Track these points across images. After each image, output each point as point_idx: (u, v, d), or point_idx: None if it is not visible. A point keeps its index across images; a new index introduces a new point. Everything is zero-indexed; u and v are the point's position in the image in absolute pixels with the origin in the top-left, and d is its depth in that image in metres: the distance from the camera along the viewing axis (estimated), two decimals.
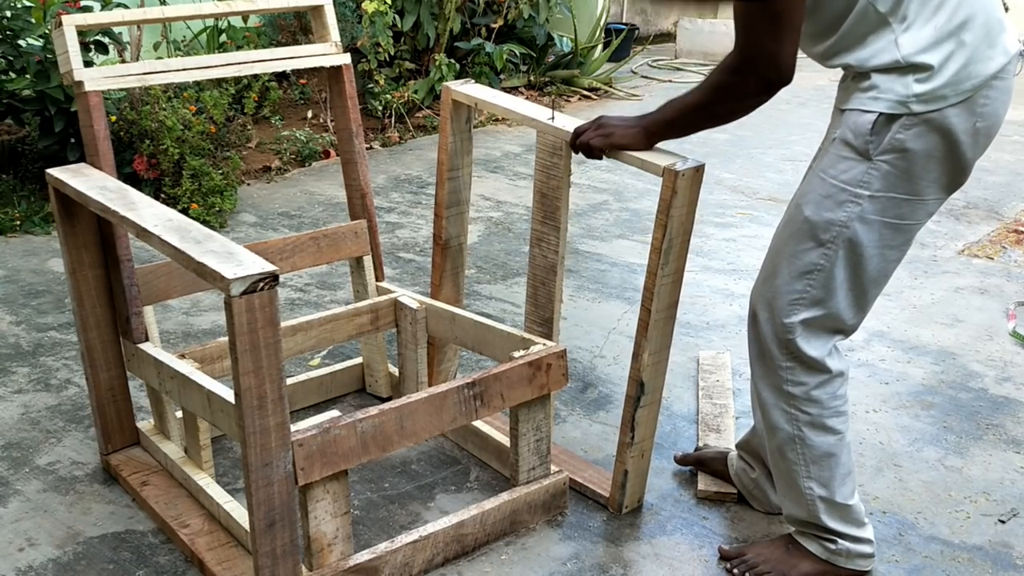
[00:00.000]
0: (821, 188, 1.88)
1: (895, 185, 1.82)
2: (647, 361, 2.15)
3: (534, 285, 2.41)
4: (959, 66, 1.76)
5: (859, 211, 1.84)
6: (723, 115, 1.91)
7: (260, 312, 1.67)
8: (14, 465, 2.48)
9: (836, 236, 1.87)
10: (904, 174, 1.81)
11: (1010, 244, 4.21)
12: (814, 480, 2.04)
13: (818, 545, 2.09)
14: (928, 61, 1.75)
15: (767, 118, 6.38)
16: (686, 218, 2.04)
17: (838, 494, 2.04)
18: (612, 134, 2.06)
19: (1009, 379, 3.02)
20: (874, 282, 1.93)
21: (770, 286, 1.98)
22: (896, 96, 1.77)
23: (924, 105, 1.76)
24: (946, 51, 1.75)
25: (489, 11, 6.36)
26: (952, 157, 1.82)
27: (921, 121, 1.78)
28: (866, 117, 1.80)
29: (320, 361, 3.02)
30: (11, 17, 4.14)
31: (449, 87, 2.40)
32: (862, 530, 2.09)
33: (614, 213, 4.52)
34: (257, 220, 4.31)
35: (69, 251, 2.23)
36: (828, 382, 1.99)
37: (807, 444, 2.02)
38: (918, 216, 1.88)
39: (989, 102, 1.79)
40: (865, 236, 1.86)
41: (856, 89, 1.83)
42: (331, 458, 1.89)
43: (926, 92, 1.76)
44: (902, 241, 1.90)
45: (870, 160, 1.82)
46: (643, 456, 2.28)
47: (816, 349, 1.96)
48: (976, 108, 1.78)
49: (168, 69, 2.32)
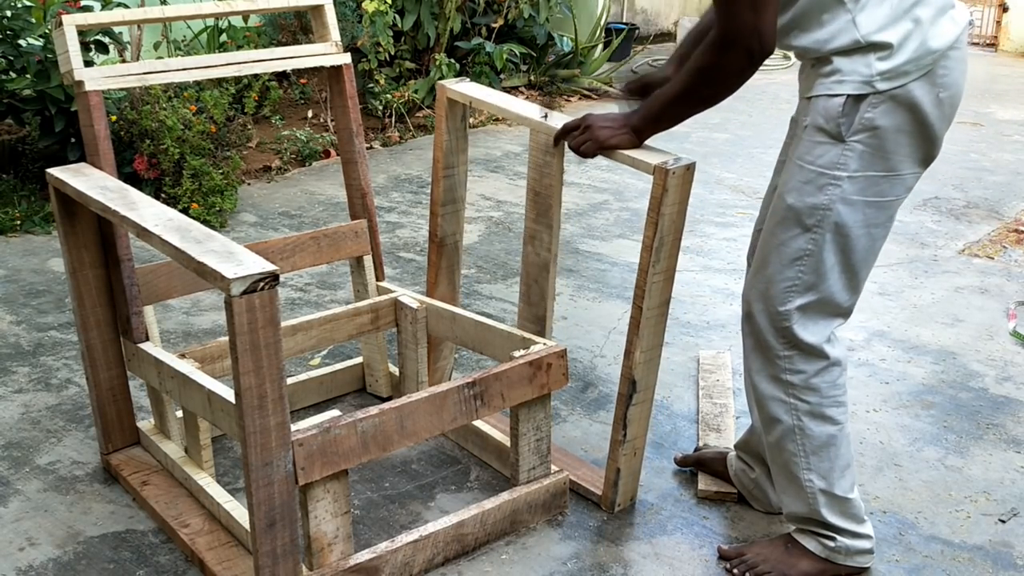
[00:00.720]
0: (800, 175, 1.91)
1: (871, 163, 1.86)
2: (639, 359, 2.16)
3: (527, 283, 2.41)
4: (918, 43, 1.81)
5: (840, 193, 1.88)
6: (708, 98, 1.92)
7: (260, 312, 1.67)
8: (14, 465, 2.48)
9: (821, 220, 1.90)
10: (878, 151, 1.85)
11: (1010, 244, 4.21)
12: (814, 472, 2.04)
13: (817, 543, 2.09)
14: (887, 39, 1.80)
15: (767, 118, 6.38)
16: (677, 216, 2.05)
17: (838, 486, 2.05)
18: (599, 136, 2.06)
19: (1009, 379, 3.02)
20: (863, 261, 1.96)
21: (762, 277, 2.00)
22: (860, 76, 1.82)
23: (888, 82, 1.81)
24: (904, 29, 1.80)
25: (489, 11, 6.36)
26: (921, 129, 1.86)
27: (888, 98, 1.82)
28: (835, 101, 1.84)
29: (320, 361, 3.02)
30: (11, 17, 4.14)
31: (444, 85, 2.41)
32: (861, 526, 2.09)
33: (614, 213, 4.52)
34: (257, 220, 4.31)
35: (69, 251, 2.24)
36: (827, 370, 2.00)
37: (807, 434, 2.03)
38: (897, 191, 1.92)
39: (947, 72, 1.84)
40: (849, 217, 1.89)
41: (819, 76, 1.87)
42: (331, 458, 1.89)
43: (889, 70, 1.81)
44: (885, 218, 1.93)
45: (844, 142, 1.85)
46: (635, 454, 2.28)
47: (813, 335, 1.98)
48: (936, 79, 1.83)
49: (168, 69, 2.32)
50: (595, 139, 2.07)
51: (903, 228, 4.36)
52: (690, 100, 1.94)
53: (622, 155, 2.06)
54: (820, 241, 1.91)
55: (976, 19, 9.62)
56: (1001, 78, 8.13)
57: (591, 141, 2.07)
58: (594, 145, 2.07)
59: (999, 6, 9.46)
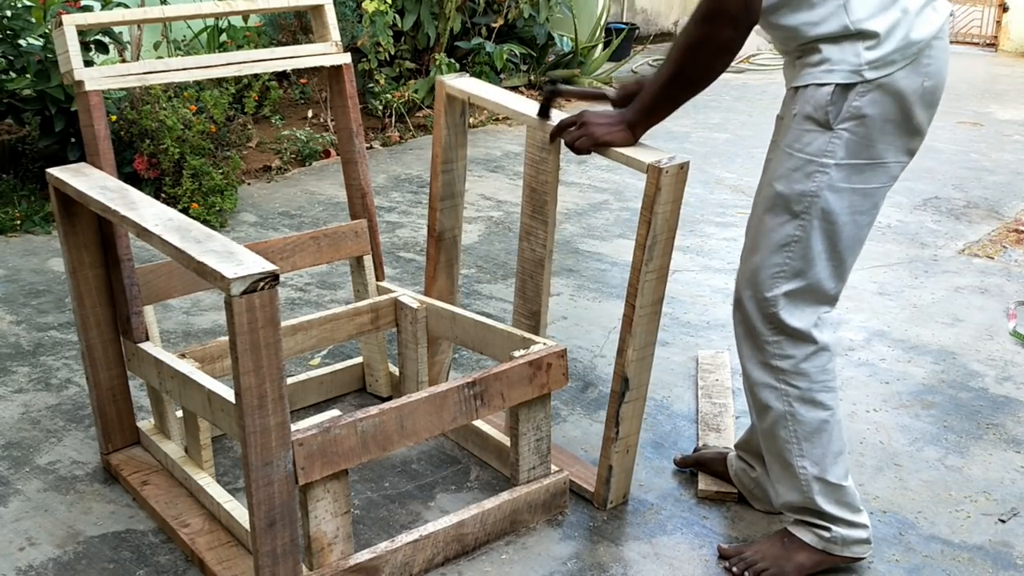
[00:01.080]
0: (789, 163, 1.93)
1: (858, 151, 1.89)
2: (631, 357, 2.16)
3: (523, 279, 2.42)
4: (904, 32, 1.83)
5: (828, 180, 1.90)
6: (698, 78, 1.93)
7: (260, 312, 1.67)
8: (14, 464, 2.48)
9: (809, 207, 1.92)
10: (864, 140, 1.88)
11: (1010, 244, 4.21)
12: (807, 458, 2.06)
13: (812, 535, 2.10)
14: (875, 28, 1.82)
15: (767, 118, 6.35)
16: (671, 215, 2.06)
17: (831, 473, 2.06)
18: (594, 132, 2.07)
19: (1009, 378, 3.02)
20: (850, 249, 1.98)
21: (750, 263, 2.02)
22: (849, 66, 1.84)
23: (876, 71, 1.84)
24: (891, 19, 1.83)
25: (489, 10, 6.36)
26: (906, 118, 1.89)
27: (875, 87, 1.85)
28: (823, 90, 1.86)
29: (320, 361, 3.02)
30: (11, 17, 4.15)
31: (443, 81, 2.41)
32: (857, 515, 2.10)
33: (614, 212, 4.52)
34: (257, 220, 4.31)
35: (69, 251, 2.24)
36: (815, 355, 2.02)
37: (798, 420, 2.05)
38: (882, 179, 1.94)
39: (932, 61, 1.87)
40: (836, 204, 1.92)
41: (806, 65, 1.89)
42: (331, 457, 1.89)
43: (877, 59, 1.83)
44: (870, 205, 1.95)
45: (832, 130, 1.88)
46: (628, 452, 2.28)
47: (800, 320, 2.00)
48: (921, 68, 1.86)
49: (168, 69, 2.32)
50: (590, 135, 2.07)
51: (903, 228, 4.36)
52: (680, 82, 1.94)
53: (616, 153, 2.07)
54: (808, 228, 1.94)
55: (976, 19, 9.63)
56: (1001, 78, 8.13)
57: (586, 137, 2.08)
58: (588, 141, 2.07)
59: (999, 6, 9.46)
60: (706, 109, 6.63)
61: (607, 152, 2.08)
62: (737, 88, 7.40)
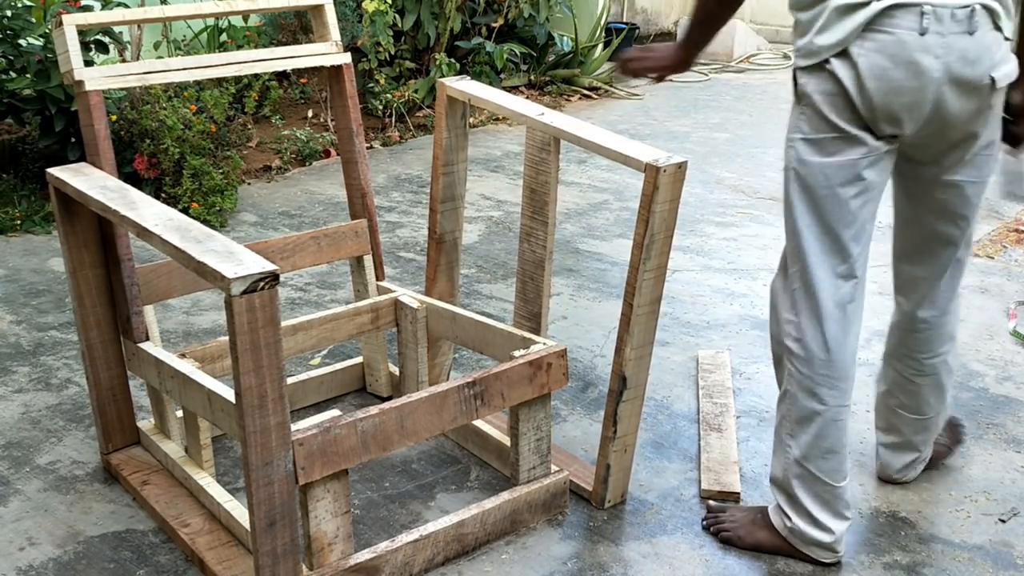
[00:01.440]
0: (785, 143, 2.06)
1: (818, 126, 1.95)
2: (629, 355, 2.17)
3: (523, 280, 2.42)
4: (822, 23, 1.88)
5: (796, 154, 2.00)
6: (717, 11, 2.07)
7: (260, 311, 1.67)
8: (15, 464, 2.48)
9: (790, 180, 2.02)
10: (817, 114, 1.94)
11: (1010, 243, 4.21)
12: (794, 440, 2.10)
13: (779, 519, 2.16)
14: (802, 18, 1.93)
15: (767, 118, 6.38)
16: (669, 214, 2.06)
17: (814, 465, 2.08)
18: (649, 57, 2.21)
19: (1009, 378, 3.02)
20: (840, 221, 1.99)
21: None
22: (798, 53, 1.96)
23: (806, 59, 1.93)
24: (816, 10, 1.90)
25: (489, 10, 6.36)
26: (845, 95, 1.90)
27: (815, 68, 1.92)
28: (793, 72, 1.99)
29: (320, 360, 3.02)
30: (11, 17, 4.15)
31: (444, 83, 2.42)
32: (831, 519, 2.10)
33: (615, 212, 4.52)
34: (258, 219, 4.31)
35: (70, 250, 2.24)
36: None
37: (793, 402, 2.09)
38: (860, 152, 1.94)
39: (864, 53, 1.86)
40: (810, 177, 1.98)
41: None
42: (332, 457, 1.89)
43: (803, 46, 1.93)
44: (851, 176, 1.95)
45: (799, 106, 1.98)
46: (626, 451, 2.29)
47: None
48: (852, 59, 1.87)
49: (168, 68, 2.32)
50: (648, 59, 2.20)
51: None
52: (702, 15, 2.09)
53: (613, 152, 2.10)
54: (791, 200, 2.02)
55: None
56: None
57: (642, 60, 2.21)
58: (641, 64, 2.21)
59: None
60: (706, 109, 6.63)
61: (603, 151, 2.12)
62: (737, 88, 7.40)
